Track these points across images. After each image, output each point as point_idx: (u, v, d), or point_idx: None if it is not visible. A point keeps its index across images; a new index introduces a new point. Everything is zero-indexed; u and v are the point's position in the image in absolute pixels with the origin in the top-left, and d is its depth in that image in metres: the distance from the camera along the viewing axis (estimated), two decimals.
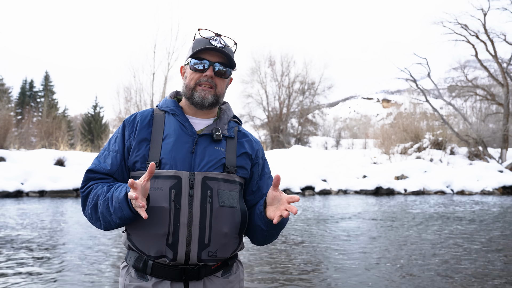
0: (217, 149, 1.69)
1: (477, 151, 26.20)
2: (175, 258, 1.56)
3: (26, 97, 52.07)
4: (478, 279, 5.31)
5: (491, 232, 8.76)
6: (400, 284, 5.08)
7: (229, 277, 1.72)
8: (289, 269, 5.73)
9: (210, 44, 1.69)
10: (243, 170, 1.76)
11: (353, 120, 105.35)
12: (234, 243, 1.71)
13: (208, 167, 1.64)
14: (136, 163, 1.66)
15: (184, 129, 1.71)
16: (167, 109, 1.77)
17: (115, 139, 1.75)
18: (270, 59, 48.11)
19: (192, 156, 1.65)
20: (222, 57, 1.73)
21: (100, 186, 1.63)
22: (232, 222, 1.67)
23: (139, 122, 1.73)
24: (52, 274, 5.29)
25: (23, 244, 7.04)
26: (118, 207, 1.51)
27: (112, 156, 1.70)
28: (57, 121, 36.25)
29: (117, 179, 1.71)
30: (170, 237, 1.56)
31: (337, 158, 26.70)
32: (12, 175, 15.79)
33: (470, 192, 18.72)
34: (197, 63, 1.71)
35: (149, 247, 1.59)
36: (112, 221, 1.57)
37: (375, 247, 7.16)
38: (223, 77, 1.75)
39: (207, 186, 1.61)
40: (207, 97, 1.71)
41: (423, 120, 32.76)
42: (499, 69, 27.34)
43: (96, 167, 1.70)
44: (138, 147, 1.67)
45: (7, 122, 25.26)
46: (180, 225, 1.56)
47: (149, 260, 1.61)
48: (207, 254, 1.60)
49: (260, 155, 1.89)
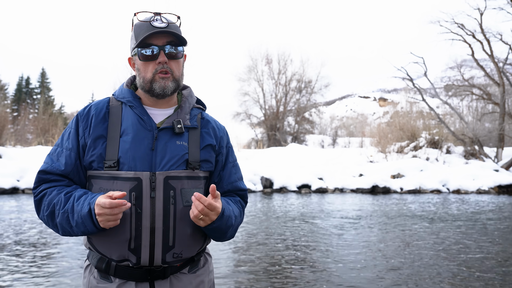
0: (179, 144, 1.59)
1: (473, 150, 26.29)
2: (138, 262, 1.50)
3: (22, 93, 51.85)
4: (474, 277, 5.34)
5: (487, 231, 8.80)
6: (396, 282, 5.11)
7: (196, 272, 1.66)
8: (283, 267, 5.74)
9: (152, 26, 1.55)
10: (207, 164, 1.66)
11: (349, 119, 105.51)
12: (199, 241, 1.65)
13: (170, 165, 1.54)
14: (93, 162, 1.55)
15: (143, 123, 1.58)
16: (124, 100, 1.64)
17: (69, 135, 1.61)
18: (267, 57, 48.05)
19: (153, 153, 1.54)
20: (170, 37, 1.58)
21: (55, 192, 1.54)
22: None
23: (94, 116, 1.59)
24: (48, 270, 5.29)
25: (18, 241, 7.03)
26: (81, 222, 1.44)
27: (66, 154, 1.58)
28: (54, 118, 36.15)
29: (73, 180, 1.60)
30: (132, 242, 1.49)
31: (333, 157, 26.72)
32: (8, 172, 15.74)
33: (466, 191, 18.78)
34: (145, 50, 1.56)
35: (111, 251, 1.52)
36: (72, 232, 1.50)
37: (371, 246, 7.18)
38: (176, 59, 1.61)
39: (170, 186, 1.52)
40: (168, 85, 1.58)
41: (419, 119, 32.83)
42: (495, 69, 27.40)
43: (49, 167, 1.58)
44: (94, 145, 1.55)
45: (3, 118, 25.17)
46: (142, 229, 1.48)
47: (112, 262, 1.54)
48: (171, 256, 1.54)
49: (225, 144, 1.78)
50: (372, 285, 4.97)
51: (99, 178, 1.55)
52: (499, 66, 26.85)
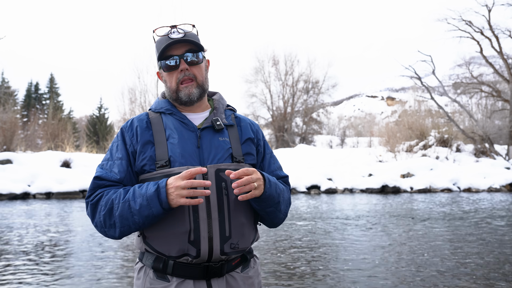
0: (221, 140, 1.69)
1: (483, 148, 26.07)
2: (198, 254, 1.55)
3: (31, 99, 52.29)
4: (486, 277, 5.28)
5: (500, 230, 8.71)
6: (408, 281, 5.07)
7: (248, 272, 1.72)
8: (294, 266, 5.72)
9: (170, 38, 1.67)
10: (250, 157, 1.76)
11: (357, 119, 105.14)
12: (252, 232, 1.72)
13: (218, 159, 1.63)
14: (144, 166, 1.63)
15: (185, 125, 1.69)
16: (162, 109, 1.75)
17: (117, 147, 1.70)
18: (274, 59, 48.05)
19: (199, 151, 1.64)
20: (188, 45, 1.70)
21: (112, 191, 1.59)
22: (249, 211, 1.68)
23: (138, 126, 1.70)
24: (59, 275, 5.31)
25: (30, 246, 7.08)
26: (146, 204, 1.48)
27: (118, 164, 1.65)
28: (63, 123, 36.37)
29: (126, 186, 1.66)
30: (192, 234, 1.54)
31: (342, 157, 26.64)
32: (19, 177, 15.89)
33: (477, 190, 18.61)
34: (167, 61, 1.69)
35: (170, 247, 1.56)
36: (133, 223, 1.52)
37: (382, 246, 7.14)
38: (197, 64, 1.71)
39: (221, 178, 1.59)
40: (192, 92, 1.69)
41: (428, 118, 32.61)
42: (504, 65, 27.20)
43: (103, 174, 1.64)
44: (143, 150, 1.64)
45: (13, 124, 25.38)
46: (200, 220, 1.54)
47: (170, 260, 1.59)
48: (229, 247, 1.59)
49: (261, 137, 1.88)
50: (384, 286, 4.94)
51: (152, 179, 1.60)
52: (508, 62, 26.62)
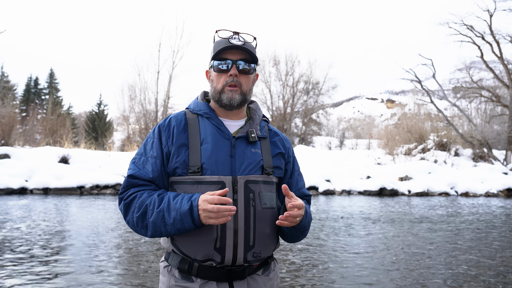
0: (254, 151, 1.72)
1: (482, 152, 26.09)
2: (222, 261, 1.60)
3: (31, 94, 52.20)
4: (481, 280, 5.28)
5: (496, 235, 8.72)
6: (403, 284, 5.06)
7: (269, 275, 1.77)
8: (290, 267, 5.71)
9: (230, 43, 1.70)
10: (278, 170, 1.80)
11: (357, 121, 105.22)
12: (274, 242, 1.77)
13: (249, 170, 1.68)
14: (177, 169, 1.67)
15: (221, 132, 1.72)
16: (201, 112, 1.78)
17: (152, 144, 1.74)
18: (275, 59, 48.03)
19: (232, 159, 1.68)
20: (244, 54, 1.74)
21: (145, 194, 1.64)
22: (273, 223, 1.72)
23: (175, 127, 1.73)
24: (56, 271, 5.30)
25: (27, 241, 7.06)
26: (179, 219, 1.53)
27: (152, 162, 1.70)
28: (62, 118, 36.29)
29: (158, 185, 1.71)
30: (218, 242, 1.59)
31: (341, 158, 26.66)
32: (16, 172, 15.85)
33: (475, 194, 18.64)
34: (220, 63, 1.72)
35: (196, 251, 1.62)
36: (165, 231, 1.58)
37: (378, 249, 7.13)
38: (247, 74, 1.75)
39: (249, 189, 1.64)
40: (235, 97, 1.72)
41: (427, 121, 32.63)
42: (504, 71, 27.22)
43: (137, 173, 1.69)
44: (177, 153, 1.68)
45: (12, 119, 25.32)
46: (226, 229, 1.59)
47: (195, 263, 1.64)
48: (252, 255, 1.65)
49: (291, 154, 1.93)
50: (381, 286, 4.94)
51: (182, 184, 1.66)
52: (508, 68, 26.64)
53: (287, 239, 1.84)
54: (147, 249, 6.72)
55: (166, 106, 36.08)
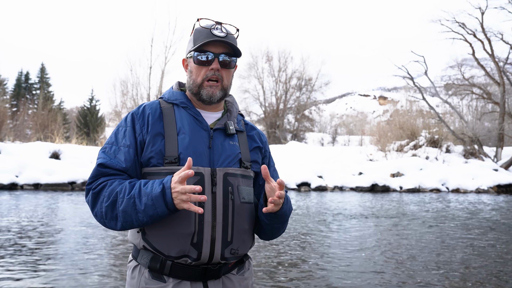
0: (232, 144, 1.67)
1: (473, 149, 26.30)
2: (199, 257, 1.52)
3: (21, 89, 51.71)
4: (472, 276, 5.32)
5: (486, 230, 8.79)
6: (393, 279, 5.09)
7: (244, 274, 1.72)
8: (281, 264, 5.72)
9: (212, 34, 1.62)
10: (256, 165, 1.76)
11: (349, 117, 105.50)
12: (251, 239, 1.72)
13: (228, 163, 1.62)
14: (152, 158, 1.58)
15: (198, 123, 1.65)
16: (177, 101, 1.70)
17: (124, 133, 1.63)
18: (268, 55, 48.07)
19: (210, 151, 1.61)
20: (226, 47, 1.66)
21: (116, 182, 1.53)
22: (251, 218, 1.67)
23: (150, 115, 1.64)
24: (46, 267, 5.27)
25: (15, 238, 7.01)
26: (151, 204, 1.42)
27: (125, 151, 1.59)
28: (53, 113, 36.08)
29: (131, 176, 1.60)
30: (195, 236, 1.51)
31: (333, 155, 26.72)
32: (6, 167, 15.71)
33: (465, 190, 18.78)
34: (201, 55, 1.64)
35: (170, 247, 1.52)
36: (136, 220, 1.47)
37: (370, 244, 7.17)
38: (228, 68, 1.68)
39: (228, 182, 1.58)
40: (215, 93, 1.66)
41: (419, 118, 32.83)
42: (495, 68, 27.39)
43: (108, 161, 1.58)
44: (153, 142, 1.59)
45: (2, 114, 25.13)
46: (204, 223, 1.52)
47: (167, 261, 1.54)
48: (229, 252, 1.59)
49: (268, 149, 1.89)
50: (369, 285, 4.95)
51: (157, 175, 1.57)
52: (499, 65, 26.83)
53: (267, 234, 1.76)
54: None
55: None
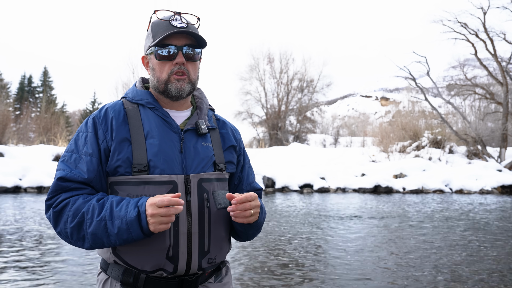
0: (205, 146, 1.56)
1: (476, 150, 26.21)
2: (175, 270, 1.44)
3: (24, 92, 51.92)
4: (475, 277, 5.30)
5: (490, 232, 8.75)
6: (397, 282, 5.07)
7: (222, 280, 1.64)
8: (283, 267, 5.71)
9: (172, 26, 1.50)
10: (231, 165, 1.66)
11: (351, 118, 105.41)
12: (228, 244, 1.65)
13: (202, 167, 1.51)
14: (119, 167, 1.44)
15: (168, 125, 1.53)
16: (142, 101, 1.55)
17: (85, 139, 1.48)
18: (269, 56, 47.98)
19: (182, 156, 1.50)
20: (189, 38, 1.53)
21: (80, 200, 1.39)
22: (228, 224, 1.59)
23: (114, 119, 1.49)
24: (50, 268, 5.27)
25: (19, 240, 7.01)
26: (125, 228, 1.31)
27: (87, 160, 1.44)
28: (56, 116, 36.18)
29: (95, 187, 1.47)
30: (171, 250, 1.42)
31: (335, 156, 26.67)
32: (10, 170, 15.75)
33: (469, 191, 18.71)
34: (162, 50, 1.50)
35: (144, 262, 1.43)
36: (107, 242, 1.36)
37: (373, 246, 7.14)
38: (193, 60, 1.55)
39: (203, 189, 1.49)
40: (184, 87, 1.52)
41: (421, 119, 32.71)
42: (498, 68, 27.30)
43: (68, 174, 1.42)
44: (119, 149, 1.45)
45: (5, 117, 25.19)
46: (179, 235, 1.43)
47: (141, 274, 1.44)
48: (207, 262, 1.51)
49: (242, 145, 1.77)
50: (375, 283, 4.94)
51: (126, 184, 1.45)
52: (502, 65, 26.75)
53: (241, 238, 1.69)
54: None
55: None
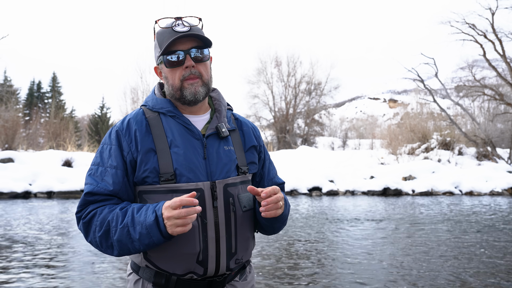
0: (227, 149, 1.58)
1: (486, 151, 25.98)
2: (205, 273, 1.50)
3: (34, 98, 52.37)
4: (487, 280, 5.25)
5: (501, 234, 8.67)
6: (406, 284, 5.04)
7: (246, 279, 1.70)
8: (293, 268, 5.69)
9: (175, 31, 1.51)
10: (253, 166, 1.69)
11: (359, 121, 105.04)
12: (253, 242, 1.70)
13: (226, 172, 1.55)
14: (147, 178, 1.49)
15: (190, 132, 1.55)
16: (163, 110, 1.57)
17: (110, 151, 1.52)
18: (277, 60, 48.02)
19: (206, 162, 1.53)
20: (195, 41, 1.55)
21: (106, 210, 1.45)
22: (252, 224, 1.64)
23: (137, 131, 1.52)
24: (58, 275, 5.29)
25: (29, 245, 7.06)
26: (145, 233, 1.35)
27: (112, 173, 1.48)
28: (65, 122, 36.37)
29: (121, 198, 1.51)
30: (200, 255, 1.47)
31: (344, 159, 26.58)
32: (20, 176, 15.88)
33: (479, 193, 18.55)
34: (171, 56, 1.53)
35: (175, 266, 1.48)
36: (133, 248, 1.40)
37: (383, 249, 7.10)
38: (203, 61, 1.57)
39: (229, 193, 1.53)
40: (198, 90, 1.54)
41: (430, 120, 32.52)
42: (507, 69, 27.10)
43: (95, 188, 1.48)
44: (145, 160, 1.48)
45: (15, 123, 25.40)
46: (208, 239, 1.48)
47: (173, 276, 1.50)
48: (234, 262, 1.57)
49: (262, 143, 1.80)
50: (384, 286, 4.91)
51: (154, 193, 1.49)
52: (511, 66, 26.54)
53: (268, 232, 1.73)
54: None
55: None
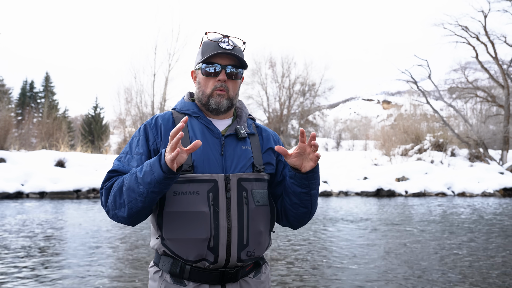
0: (244, 149, 1.72)
1: (478, 152, 26.17)
2: (216, 260, 1.59)
3: (26, 98, 52.02)
4: (477, 280, 5.29)
5: (493, 235, 8.74)
6: (400, 285, 5.06)
7: (261, 277, 1.76)
8: (288, 270, 5.71)
9: (219, 47, 1.69)
10: (269, 166, 1.79)
11: (353, 122, 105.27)
12: (267, 240, 1.76)
13: (240, 168, 1.67)
14: None
15: (210, 131, 1.71)
16: (189, 111, 1.77)
17: (137, 142, 1.71)
18: (271, 60, 48.13)
19: (222, 158, 1.67)
20: (233, 59, 1.73)
21: (127, 175, 1.58)
22: (266, 220, 1.72)
23: (163, 125, 1.72)
24: (52, 277, 5.27)
25: (23, 246, 7.02)
26: (149, 170, 1.46)
27: (137, 158, 1.67)
28: (58, 122, 36.18)
29: None
30: (211, 241, 1.57)
31: (337, 160, 26.66)
32: (12, 176, 15.77)
33: (471, 194, 18.69)
34: (209, 67, 1.71)
35: (188, 252, 1.59)
36: (139, 194, 1.48)
37: (376, 250, 7.14)
38: (235, 79, 1.75)
39: (242, 187, 1.64)
40: (222, 102, 1.72)
41: (423, 122, 32.71)
42: (499, 71, 27.34)
43: (120, 167, 1.65)
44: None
45: (7, 123, 25.24)
46: (220, 228, 1.58)
47: (186, 265, 1.62)
48: (246, 254, 1.64)
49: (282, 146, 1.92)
50: None
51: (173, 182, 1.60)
52: (503, 68, 26.78)
53: (296, 219, 1.78)
54: (147, 253, 6.70)
55: (162, 108, 36.03)
